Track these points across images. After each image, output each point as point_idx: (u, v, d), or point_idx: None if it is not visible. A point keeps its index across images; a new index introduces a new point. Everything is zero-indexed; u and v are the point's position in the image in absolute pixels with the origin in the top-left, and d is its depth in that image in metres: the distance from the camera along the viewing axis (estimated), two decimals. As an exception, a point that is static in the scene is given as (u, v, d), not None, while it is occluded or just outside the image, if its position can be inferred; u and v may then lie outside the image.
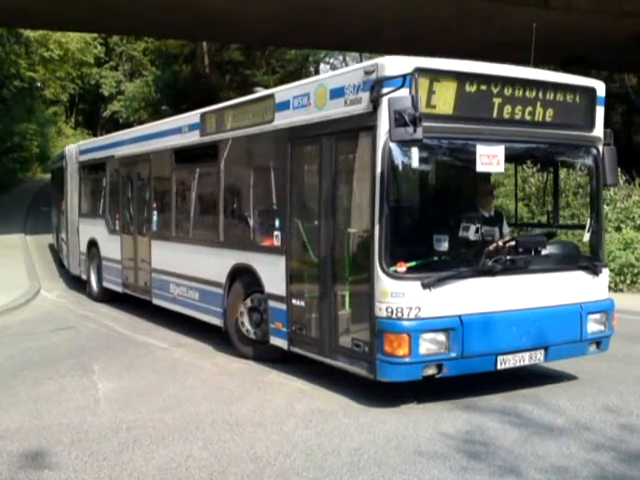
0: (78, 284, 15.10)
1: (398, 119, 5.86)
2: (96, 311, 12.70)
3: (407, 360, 6.28)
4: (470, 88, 6.44)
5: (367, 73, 6.42)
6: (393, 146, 6.22)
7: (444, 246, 6.72)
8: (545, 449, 5.58)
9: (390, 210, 6.37)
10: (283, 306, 7.70)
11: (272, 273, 7.93)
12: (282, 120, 7.78)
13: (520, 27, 21.67)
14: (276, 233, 7.93)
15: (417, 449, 5.55)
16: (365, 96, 6.43)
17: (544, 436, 5.88)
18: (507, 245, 6.98)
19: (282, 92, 8.07)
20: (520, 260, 6.84)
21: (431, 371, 6.43)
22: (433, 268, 6.55)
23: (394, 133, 5.94)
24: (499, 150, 6.48)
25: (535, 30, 7.58)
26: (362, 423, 6.14)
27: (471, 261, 6.77)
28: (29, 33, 37.83)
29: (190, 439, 5.78)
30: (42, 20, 25.61)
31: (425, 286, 6.32)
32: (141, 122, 45.51)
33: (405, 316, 6.28)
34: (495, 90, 6.58)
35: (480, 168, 6.50)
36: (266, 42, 36.92)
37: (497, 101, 6.60)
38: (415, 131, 5.84)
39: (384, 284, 6.30)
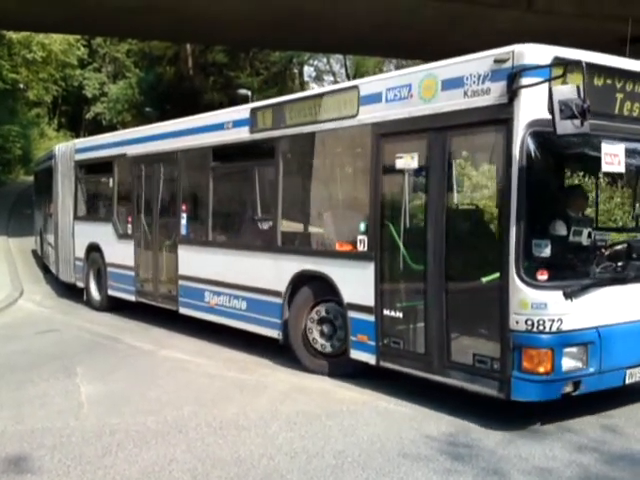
0: (62, 288, 14.97)
1: (564, 110, 5.40)
2: (80, 314, 12.60)
3: (548, 378, 5.79)
4: (598, 81, 6.02)
5: (499, 62, 5.91)
6: (531, 141, 5.78)
7: (572, 251, 6.29)
8: (528, 451, 5.59)
9: (530, 211, 5.89)
10: (370, 317, 7.10)
11: (354, 281, 7.36)
12: (369, 114, 7.16)
13: (503, 30, 21.92)
14: (360, 237, 7.27)
15: (401, 451, 5.55)
16: (495, 86, 5.93)
17: (527, 438, 5.90)
18: (620, 250, 6.58)
19: (370, 84, 7.44)
20: None
21: (569, 389, 5.96)
22: (569, 276, 6.06)
23: (559, 126, 5.43)
24: (620, 149, 6.01)
25: (518, 33, 7.49)
26: (346, 426, 6.13)
27: (599, 268, 6.25)
28: (11, 35, 37.63)
29: (173, 442, 5.74)
30: (24, 22, 25.48)
31: (567, 296, 5.82)
32: (124, 124, 45.51)
33: (547, 329, 5.77)
34: (618, 85, 6.19)
35: (605, 168, 6.05)
36: (250, 44, 36.91)
37: (619, 96, 6.20)
38: (583, 124, 5.41)
39: (523, 294, 5.77)
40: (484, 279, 6.12)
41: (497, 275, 6.01)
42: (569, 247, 6.25)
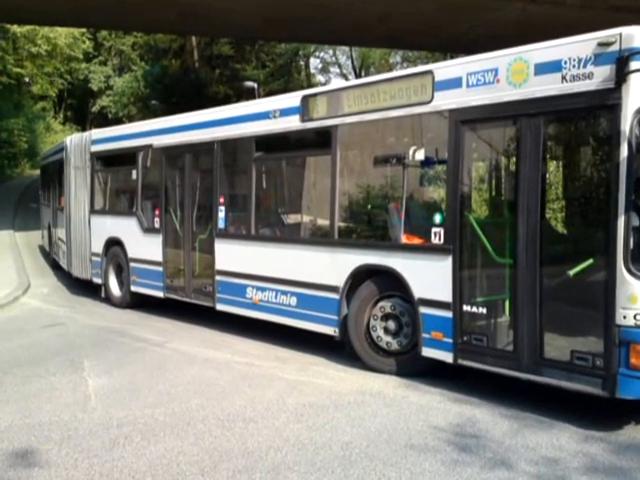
0: (70, 283, 15.00)
1: None
2: (87, 308, 12.64)
3: None
4: None
5: (603, 45, 5.67)
6: None
7: None
8: (535, 441, 5.60)
9: (639, 201, 5.63)
10: (446, 313, 6.81)
11: (426, 275, 7.05)
12: (446, 100, 6.87)
13: (507, 21, 21.85)
14: (435, 230, 6.97)
15: (408, 442, 5.56)
16: (599, 70, 5.69)
17: (534, 428, 5.90)
18: None
19: (446, 69, 7.06)
20: None
21: None
22: None
23: None
24: None
25: (522, 24, 7.36)
26: (353, 417, 6.14)
27: None
28: (16, 29, 37.60)
29: (181, 435, 5.76)
30: (28, 15, 25.44)
31: None
32: (130, 117, 45.47)
33: None
34: None
35: None
36: (255, 36, 36.78)
37: None
38: None
39: (634, 288, 5.52)
40: (587, 274, 5.84)
41: (591, 262, 5.78)
42: None
